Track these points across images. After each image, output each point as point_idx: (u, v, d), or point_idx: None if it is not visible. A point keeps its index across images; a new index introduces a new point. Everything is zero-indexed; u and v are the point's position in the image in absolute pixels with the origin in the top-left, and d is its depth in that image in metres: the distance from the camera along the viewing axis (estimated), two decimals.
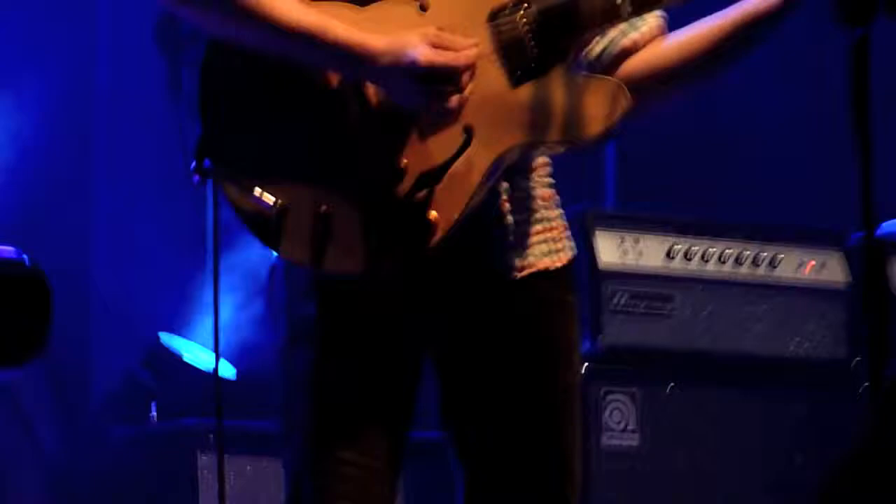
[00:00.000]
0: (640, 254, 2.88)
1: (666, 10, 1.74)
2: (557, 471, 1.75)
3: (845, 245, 3.04)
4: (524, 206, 1.75)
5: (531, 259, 1.73)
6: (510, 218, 1.71)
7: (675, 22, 1.77)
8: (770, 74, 3.05)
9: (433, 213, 1.61)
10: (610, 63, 1.75)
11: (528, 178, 1.76)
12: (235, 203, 1.62)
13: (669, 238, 2.91)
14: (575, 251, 1.82)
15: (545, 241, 1.76)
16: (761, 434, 2.89)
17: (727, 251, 2.91)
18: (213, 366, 3.19)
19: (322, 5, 1.62)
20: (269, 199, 1.58)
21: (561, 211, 1.81)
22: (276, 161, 1.66)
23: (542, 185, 1.79)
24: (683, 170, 3.64)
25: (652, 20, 1.75)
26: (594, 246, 2.86)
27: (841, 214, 2.56)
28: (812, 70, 3.03)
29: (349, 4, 1.64)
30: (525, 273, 1.73)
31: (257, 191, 1.58)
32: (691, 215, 3.06)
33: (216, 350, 1.95)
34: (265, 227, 1.61)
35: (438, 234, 1.60)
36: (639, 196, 3.53)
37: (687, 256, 2.89)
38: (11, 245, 2.84)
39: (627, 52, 1.75)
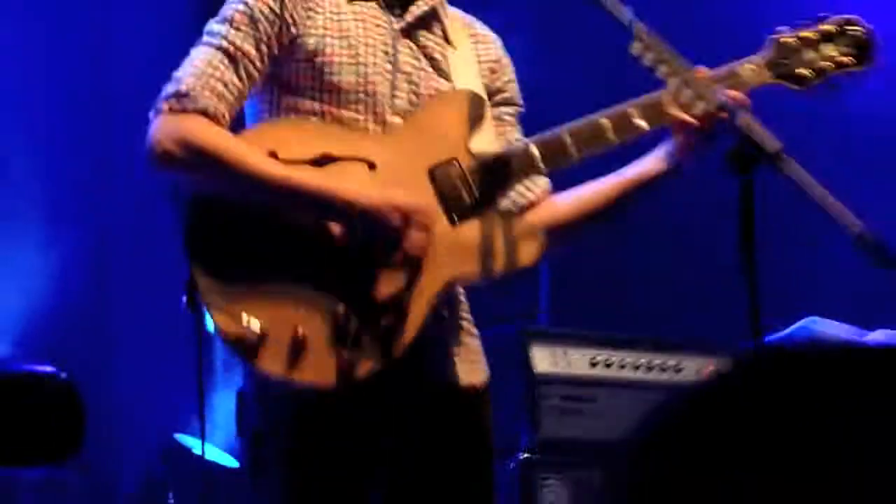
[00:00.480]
0: (569, 362, 3.13)
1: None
2: None
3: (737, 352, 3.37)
4: (454, 329, 1.87)
5: (459, 376, 1.85)
6: (447, 338, 1.83)
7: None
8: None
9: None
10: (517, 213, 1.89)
11: (457, 308, 1.88)
12: (221, 329, 1.71)
13: (592, 349, 3.16)
14: (488, 373, 1.91)
15: (467, 361, 1.88)
16: None
17: (640, 360, 3.19)
18: (224, 460, 3.52)
19: (289, 167, 1.72)
20: (255, 325, 1.67)
21: (478, 340, 1.92)
22: (257, 291, 1.72)
23: (465, 318, 1.91)
24: (604, 291, 3.90)
25: (542, 182, 1.92)
26: (530, 356, 3.10)
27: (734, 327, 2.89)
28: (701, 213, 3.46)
29: (310, 166, 1.74)
30: (455, 386, 1.84)
31: (245, 318, 1.67)
32: (610, 330, 3.33)
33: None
34: (246, 349, 1.68)
35: (396, 353, 1.71)
36: (567, 313, 3.77)
37: (607, 364, 3.16)
38: (49, 361, 3.20)
39: (529, 207, 1.91)
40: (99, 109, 4.30)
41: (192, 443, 3.42)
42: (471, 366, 1.87)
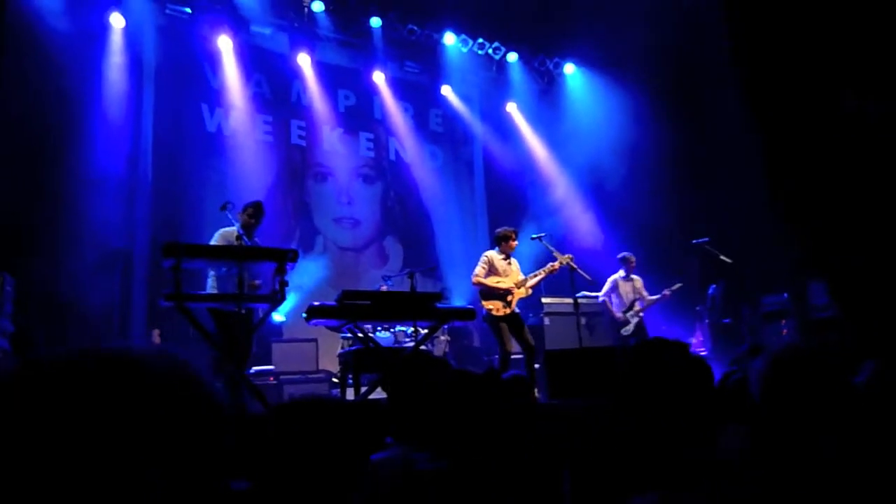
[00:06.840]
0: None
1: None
2: (530, 343, 9.09)
3: None
4: (516, 306, 9.21)
5: (516, 311, 9.15)
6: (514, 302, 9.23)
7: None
8: None
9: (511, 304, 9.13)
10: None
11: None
12: (486, 308, 9.03)
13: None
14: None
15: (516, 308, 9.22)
16: None
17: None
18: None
19: (494, 283, 9.14)
20: (492, 305, 9.04)
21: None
22: (491, 300, 9.09)
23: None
24: None
25: (530, 278, 9.37)
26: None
27: None
28: None
29: (496, 282, 9.19)
30: (517, 314, 9.10)
31: (492, 305, 9.01)
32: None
33: None
34: (492, 309, 9.03)
35: (511, 308, 9.15)
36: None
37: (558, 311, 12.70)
38: None
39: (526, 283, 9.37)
40: None
41: None
42: (516, 309, 9.26)
